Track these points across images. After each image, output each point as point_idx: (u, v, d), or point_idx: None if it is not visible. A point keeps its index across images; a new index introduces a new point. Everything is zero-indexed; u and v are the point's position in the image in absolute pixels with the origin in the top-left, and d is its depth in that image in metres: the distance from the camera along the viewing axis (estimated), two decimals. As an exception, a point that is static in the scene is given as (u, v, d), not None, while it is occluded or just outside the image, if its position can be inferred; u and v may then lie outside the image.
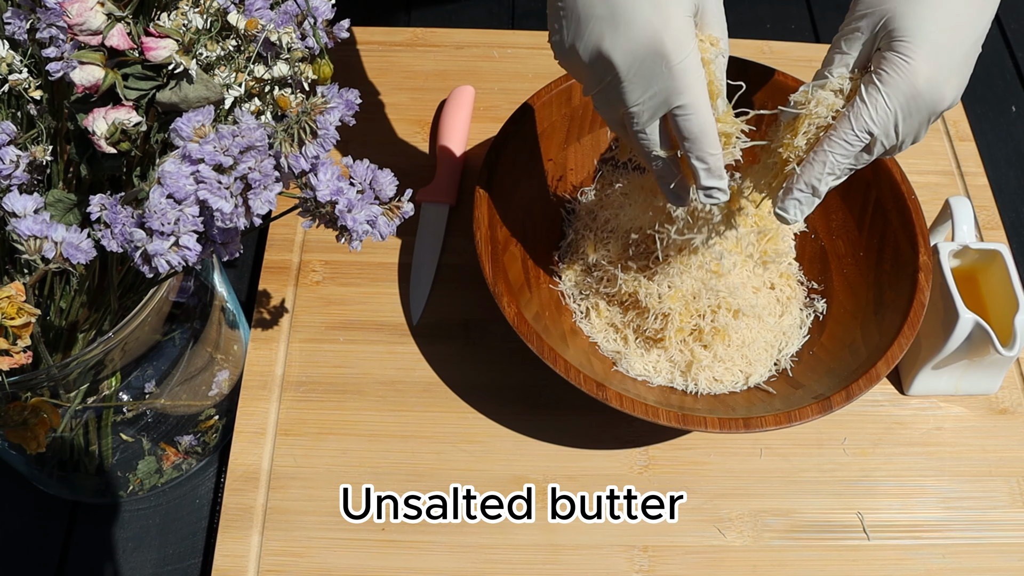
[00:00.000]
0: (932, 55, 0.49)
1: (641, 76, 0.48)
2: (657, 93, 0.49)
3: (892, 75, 0.49)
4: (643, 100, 0.49)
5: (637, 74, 0.48)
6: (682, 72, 0.48)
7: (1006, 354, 0.63)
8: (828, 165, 0.52)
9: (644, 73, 0.48)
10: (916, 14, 0.49)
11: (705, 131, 0.50)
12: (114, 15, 0.39)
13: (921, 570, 0.63)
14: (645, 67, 0.48)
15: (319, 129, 0.40)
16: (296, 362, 0.69)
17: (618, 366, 0.65)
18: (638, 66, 0.48)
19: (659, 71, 0.48)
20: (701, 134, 0.50)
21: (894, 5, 0.49)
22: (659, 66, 0.48)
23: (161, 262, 0.39)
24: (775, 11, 1.01)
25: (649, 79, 0.48)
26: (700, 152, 0.51)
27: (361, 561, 0.61)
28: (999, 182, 0.86)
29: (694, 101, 0.49)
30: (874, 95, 0.50)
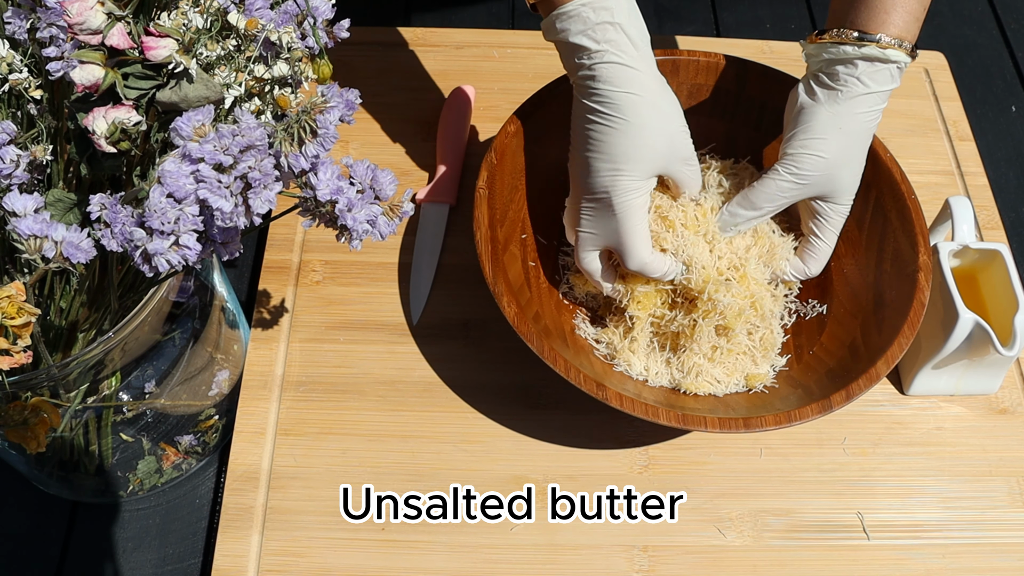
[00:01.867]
0: (850, 205, 0.65)
1: (594, 214, 0.62)
2: (604, 231, 0.62)
3: (835, 219, 0.65)
4: (590, 230, 0.63)
5: (592, 211, 0.62)
6: (620, 220, 0.61)
7: (1006, 354, 0.63)
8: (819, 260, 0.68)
9: (596, 212, 0.61)
10: (853, 184, 0.64)
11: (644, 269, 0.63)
12: (114, 14, 0.39)
13: (921, 570, 0.63)
14: (597, 208, 0.61)
15: (319, 128, 0.40)
16: (296, 362, 0.69)
17: (618, 366, 0.65)
18: (592, 205, 0.62)
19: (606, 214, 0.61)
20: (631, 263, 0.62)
21: (841, 180, 0.63)
22: (606, 211, 0.61)
23: (161, 261, 0.39)
24: (775, 11, 1.01)
25: (598, 218, 0.62)
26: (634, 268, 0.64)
27: (361, 561, 0.61)
28: (999, 182, 0.86)
29: (631, 244, 0.61)
30: (827, 234, 0.65)
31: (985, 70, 0.96)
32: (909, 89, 0.89)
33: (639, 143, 0.58)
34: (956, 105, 0.87)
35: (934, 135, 0.85)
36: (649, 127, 0.58)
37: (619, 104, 0.57)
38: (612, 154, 0.59)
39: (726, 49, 0.88)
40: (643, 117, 0.57)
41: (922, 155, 0.84)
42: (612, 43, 0.57)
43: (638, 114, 0.57)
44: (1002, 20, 1.00)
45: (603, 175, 0.59)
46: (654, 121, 0.58)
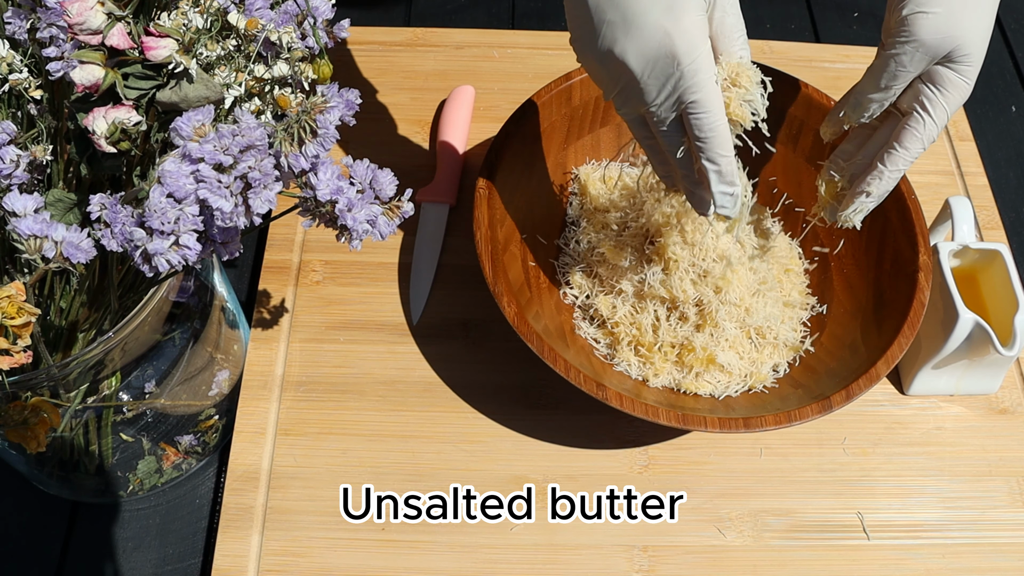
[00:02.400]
0: (978, 68, 0.53)
1: (655, 76, 0.49)
2: (672, 92, 0.49)
3: (951, 92, 0.54)
4: (660, 100, 0.50)
5: (651, 75, 0.49)
6: (693, 72, 0.49)
7: (1006, 354, 0.63)
8: (897, 177, 0.57)
9: (658, 73, 0.49)
10: (978, 36, 0.52)
11: (716, 130, 0.50)
12: (114, 14, 0.39)
13: (921, 570, 0.63)
14: (658, 68, 0.49)
15: (319, 128, 0.40)
16: (296, 362, 0.69)
17: (618, 366, 0.65)
18: (651, 67, 0.49)
19: (672, 71, 0.49)
20: (712, 133, 0.50)
21: (963, 31, 0.52)
22: (671, 66, 0.49)
23: (161, 261, 0.39)
24: (775, 11, 1.01)
25: (663, 79, 0.49)
26: (711, 153, 0.51)
27: (361, 561, 0.61)
28: (999, 182, 0.86)
29: (706, 99, 0.49)
30: (938, 111, 0.54)
31: (985, 70, 0.96)
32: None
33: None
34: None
35: (934, 135, 0.85)
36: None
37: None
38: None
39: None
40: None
41: (922, 155, 0.84)
42: None
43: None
44: (1002, 20, 1.00)
45: (653, 16, 0.48)
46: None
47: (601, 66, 0.50)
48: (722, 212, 0.54)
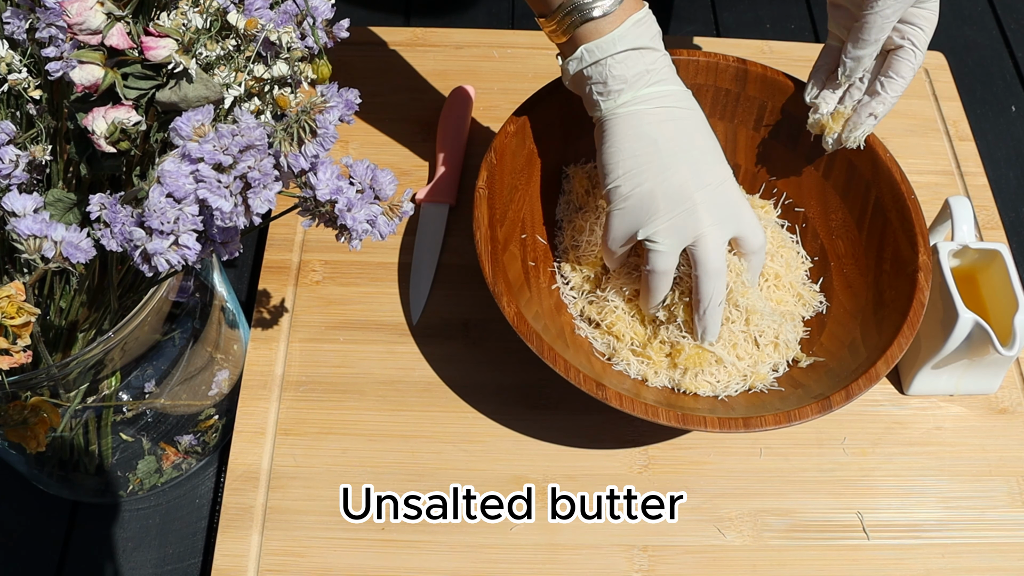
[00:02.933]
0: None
1: (714, 203, 0.59)
2: (726, 216, 0.59)
3: (927, 26, 0.62)
4: (718, 225, 0.59)
5: (711, 202, 0.59)
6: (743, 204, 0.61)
7: (1006, 354, 0.63)
8: (893, 101, 0.64)
9: (716, 200, 0.59)
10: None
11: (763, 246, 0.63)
12: (114, 14, 0.39)
13: (921, 570, 0.63)
14: (719, 201, 0.59)
15: (318, 128, 0.40)
16: (296, 362, 0.69)
17: (617, 366, 0.65)
18: (711, 195, 0.59)
19: (727, 199, 0.60)
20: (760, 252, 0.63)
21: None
22: (729, 202, 0.60)
23: (161, 261, 0.39)
24: (775, 11, 1.01)
25: (719, 205, 0.59)
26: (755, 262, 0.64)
27: (361, 561, 0.61)
28: (999, 182, 0.86)
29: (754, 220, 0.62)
30: (921, 42, 0.62)
31: (985, 70, 0.96)
32: (909, 89, 0.88)
33: (710, 132, 0.61)
34: (956, 105, 0.87)
35: (934, 135, 0.85)
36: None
37: (693, 106, 0.61)
38: (710, 142, 0.60)
39: (726, 49, 0.88)
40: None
41: (922, 155, 0.84)
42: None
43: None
44: (1002, 20, 1.00)
45: (715, 160, 0.60)
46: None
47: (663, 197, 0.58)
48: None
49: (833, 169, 0.70)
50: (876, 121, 0.65)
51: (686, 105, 0.60)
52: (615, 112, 0.59)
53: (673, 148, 0.58)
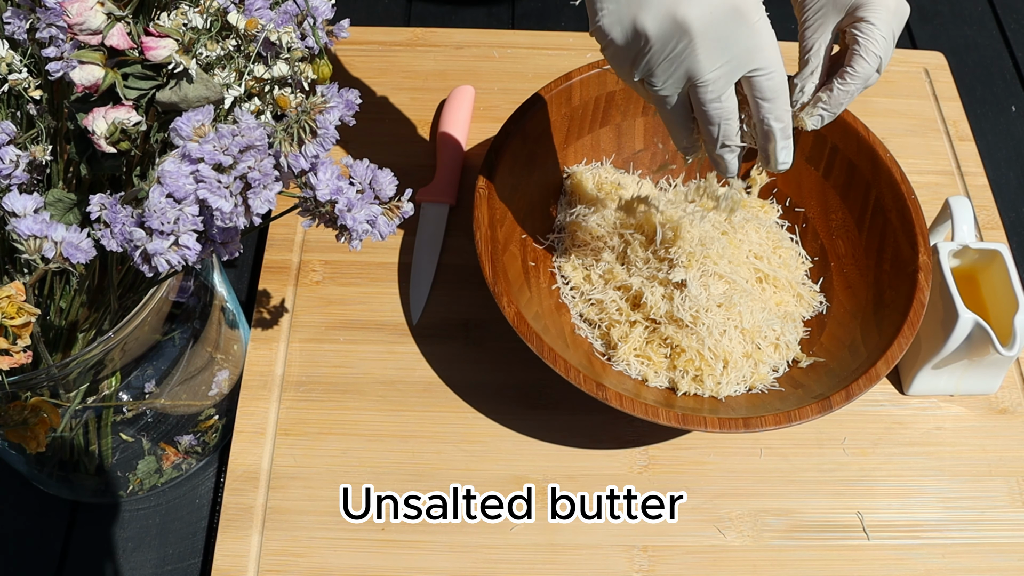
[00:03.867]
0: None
1: (720, 39, 0.48)
2: (736, 55, 0.48)
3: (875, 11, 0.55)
4: (720, 64, 0.49)
5: (715, 37, 0.48)
6: (760, 31, 0.48)
7: (1006, 354, 0.63)
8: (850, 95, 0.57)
9: (723, 35, 0.48)
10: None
11: (784, 89, 0.51)
12: (114, 15, 0.39)
13: (921, 570, 0.63)
14: (724, 29, 0.48)
15: (319, 128, 0.40)
16: (296, 362, 0.69)
17: (617, 366, 0.65)
18: (716, 28, 0.47)
19: (739, 31, 0.48)
20: (781, 92, 0.51)
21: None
22: (739, 26, 0.48)
23: (161, 261, 0.39)
24: (775, 11, 1.00)
25: (727, 41, 0.48)
26: (779, 111, 0.52)
27: (361, 561, 0.61)
28: (999, 182, 0.86)
29: (774, 58, 0.49)
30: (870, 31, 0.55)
31: (985, 70, 0.96)
32: (909, 89, 0.89)
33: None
34: (956, 105, 0.88)
35: (934, 135, 0.85)
36: None
37: None
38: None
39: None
40: None
41: (922, 155, 0.84)
42: None
43: None
44: (1002, 20, 1.00)
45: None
46: None
47: (652, 34, 0.48)
48: (782, 167, 0.55)
49: (833, 169, 0.71)
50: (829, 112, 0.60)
51: None
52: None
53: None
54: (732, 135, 0.53)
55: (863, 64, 0.58)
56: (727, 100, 0.51)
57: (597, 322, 0.67)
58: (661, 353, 0.64)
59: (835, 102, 0.61)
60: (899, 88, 0.89)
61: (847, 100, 0.61)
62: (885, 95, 0.88)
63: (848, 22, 0.60)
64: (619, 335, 0.65)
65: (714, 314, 0.63)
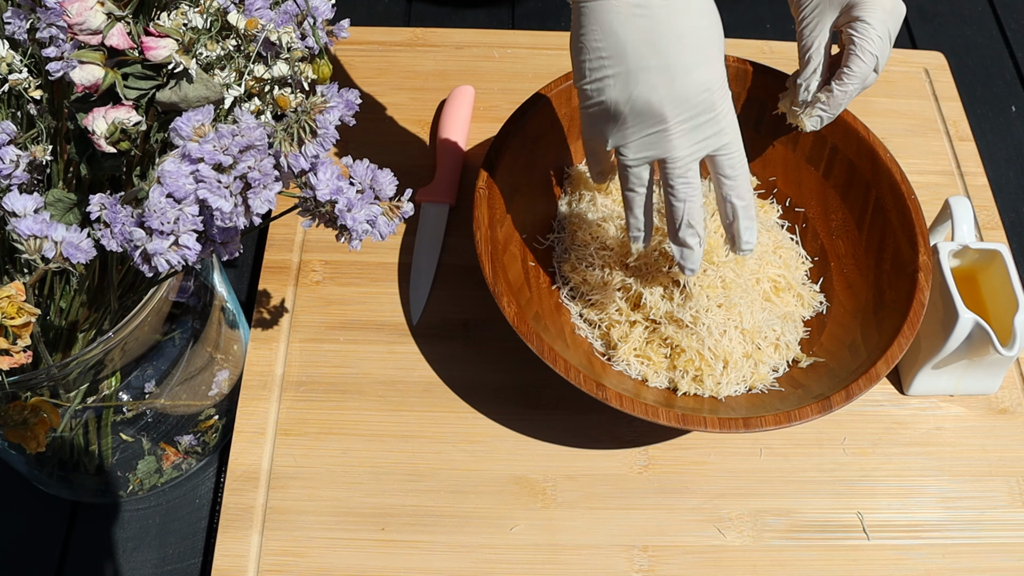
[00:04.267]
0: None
1: (691, 121, 0.52)
2: (705, 137, 0.53)
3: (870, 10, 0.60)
4: (691, 145, 0.53)
5: (688, 121, 0.52)
6: (726, 114, 0.53)
7: (1006, 354, 0.63)
8: (848, 95, 0.63)
9: (695, 119, 0.52)
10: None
11: (745, 168, 0.55)
12: (114, 14, 0.39)
13: (921, 570, 0.63)
14: (696, 113, 0.52)
15: (319, 128, 0.40)
16: (296, 362, 0.69)
17: (616, 365, 0.65)
18: (689, 112, 0.52)
19: (708, 115, 0.52)
20: (742, 170, 0.55)
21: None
22: (709, 110, 0.52)
23: (161, 261, 0.39)
24: (775, 11, 1.01)
25: (698, 124, 0.52)
26: (741, 189, 0.55)
27: (361, 561, 0.61)
28: (999, 182, 0.86)
29: (736, 139, 0.54)
30: (865, 31, 0.60)
31: (985, 70, 0.96)
32: (909, 89, 0.89)
33: (712, 20, 0.53)
34: (956, 105, 0.88)
35: (934, 135, 0.85)
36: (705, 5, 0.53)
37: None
38: (700, 42, 0.51)
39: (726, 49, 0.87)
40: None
41: (922, 155, 0.84)
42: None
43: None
44: (1002, 20, 1.00)
45: (698, 61, 0.51)
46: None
47: (627, 114, 0.52)
48: (746, 248, 0.57)
49: (833, 169, 0.71)
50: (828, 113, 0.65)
51: (675, 1, 0.51)
52: (584, 2, 0.51)
53: (644, 53, 0.50)
54: (696, 214, 0.55)
55: (860, 64, 0.62)
56: (693, 177, 0.54)
57: (597, 322, 0.67)
58: (661, 353, 0.64)
59: (834, 103, 0.64)
60: (899, 88, 0.89)
61: (846, 101, 0.64)
62: (885, 95, 0.88)
63: (844, 21, 0.62)
64: (619, 335, 0.65)
65: (714, 314, 0.63)
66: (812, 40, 0.63)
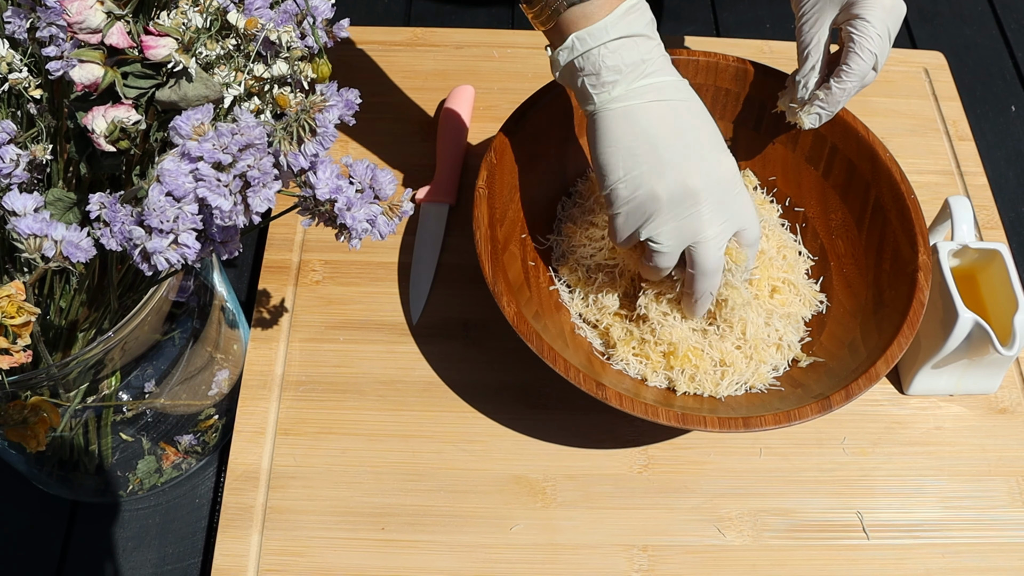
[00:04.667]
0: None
1: (720, 202, 0.57)
2: (732, 214, 0.57)
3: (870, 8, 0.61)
4: (721, 223, 0.57)
5: (717, 201, 0.56)
6: (744, 193, 0.58)
7: (1006, 353, 0.63)
8: (847, 93, 0.64)
9: (722, 199, 0.57)
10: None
11: (758, 239, 0.61)
12: (114, 13, 0.39)
13: (921, 570, 0.63)
14: (723, 194, 0.57)
15: (318, 127, 0.40)
16: (296, 362, 0.69)
17: (616, 365, 0.65)
18: (718, 194, 0.56)
19: (732, 195, 0.57)
20: (755, 242, 0.61)
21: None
22: (731, 190, 0.57)
23: (160, 260, 0.39)
24: (775, 11, 1.01)
25: (725, 203, 0.57)
26: (753, 255, 0.62)
27: (361, 561, 0.61)
28: (999, 182, 0.86)
29: (754, 215, 0.59)
30: (865, 29, 0.61)
31: (985, 70, 0.96)
32: (909, 89, 0.89)
33: (712, 120, 0.59)
34: (956, 105, 0.88)
35: (934, 135, 0.85)
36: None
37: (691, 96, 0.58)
38: (714, 134, 0.58)
39: (726, 49, 0.88)
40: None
41: (922, 155, 0.84)
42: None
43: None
44: (1002, 20, 1.00)
45: (719, 152, 0.57)
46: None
47: (667, 198, 0.56)
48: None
49: (833, 169, 0.71)
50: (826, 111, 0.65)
51: (684, 96, 0.57)
52: (608, 107, 0.56)
53: (674, 144, 0.55)
54: (716, 285, 0.60)
55: (859, 62, 0.62)
56: (721, 253, 0.58)
57: (595, 323, 0.67)
58: (659, 352, 0.64)
59: (832, 101, 0.65)
60: (899, 88, 0.89)
61: (844, 99, 0.64)
62: (885, 95, 0.88)
63: (844, 19, 0.62)
64: (618, 335, 0.65)
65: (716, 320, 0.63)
66: (811, 37, 0.64)
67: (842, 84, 0.63)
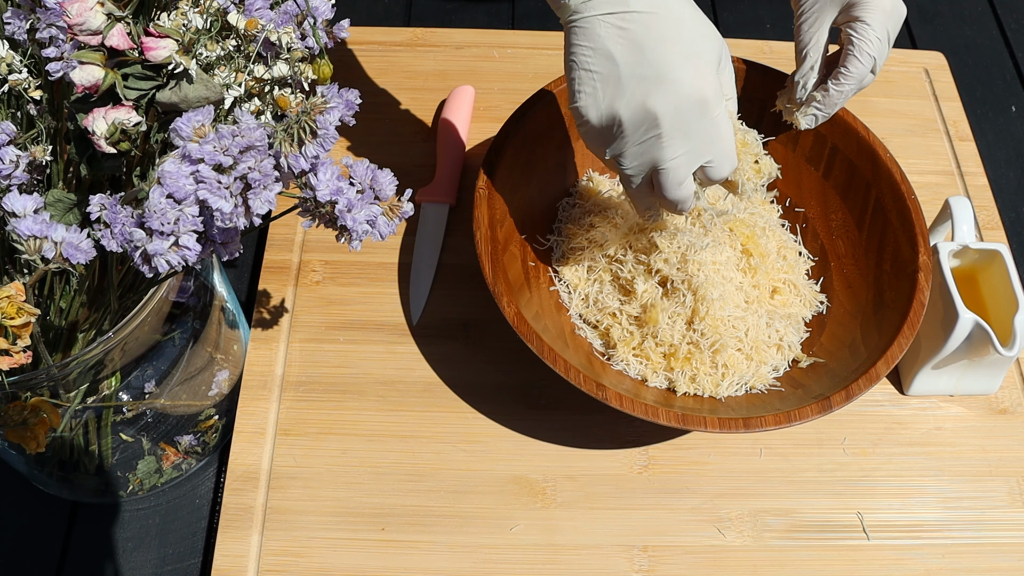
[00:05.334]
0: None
1: (683, 129, 0.53)
2: (696, 146, 0.53)
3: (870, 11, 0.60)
4: (682, 153, 0.53)
5: (680, 127, 0.52)
6: (718, 123, 0.54)
7: (1006, 354, 0.63)
8: (844, 95, 0.64)
9: (687, 126, 0.52)
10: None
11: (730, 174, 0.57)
12: (114, 15, 0.39)
13: (921, 570, 0.63)
14: (688, 120, 0.52)
15: (319, 129, 0.40)
16: (296, 362, 0.69)
17: (616, 365, 0.65)
18: (681, 119, 0.52)
19: (701, 123, 0.53)
20: (726, 178, 0.56)
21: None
22: (701, 118, 0.53)
23: (161, 262, 0.39)
24: (775, 11, 1.01)
25: (690, 132, 0.53)
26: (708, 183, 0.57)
27: (361, 561, 0.61)
28: (999, 182, 0.86)
29: (729, 150, 0.55)
30: (864, 31, 0.61)
31: (985, 70, 0.96)
32: (909, 89, 0.89)
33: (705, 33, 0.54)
34: (956, 105, 0.88)
35: (934, 135, 0.85)
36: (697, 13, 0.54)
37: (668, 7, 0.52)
38: (689, 51, 0.52)
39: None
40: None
41: (922, 155, 0.84)
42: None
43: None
44: (1002, 20, 1.00)
45: (693, 73, 0.52)
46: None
47: (626, 121, 0.53)
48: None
49: (833, 169, 0.71)
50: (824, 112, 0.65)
51: (659, 9, 0.51)
52: (575, 20, 0.53)
53: (632, 62, 0.51)
54: (687, 210, 0.57)
55: (857, 64, 0.62)
56: (686, 185, 0.55)
57: (596, 323, 0.67)
58: (659, 352, 0.64)
59: (830, 102, 0.65)
60: (899, 88, 0.89)
61: (842, 100, 0.64)
62: (885, 95, 0.88)
63: (844, 20, 0.62)
64: (618, 335, 0.65)
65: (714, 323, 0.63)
66: (810, 37, 0.64)
67: (840, 86, 0.63)
